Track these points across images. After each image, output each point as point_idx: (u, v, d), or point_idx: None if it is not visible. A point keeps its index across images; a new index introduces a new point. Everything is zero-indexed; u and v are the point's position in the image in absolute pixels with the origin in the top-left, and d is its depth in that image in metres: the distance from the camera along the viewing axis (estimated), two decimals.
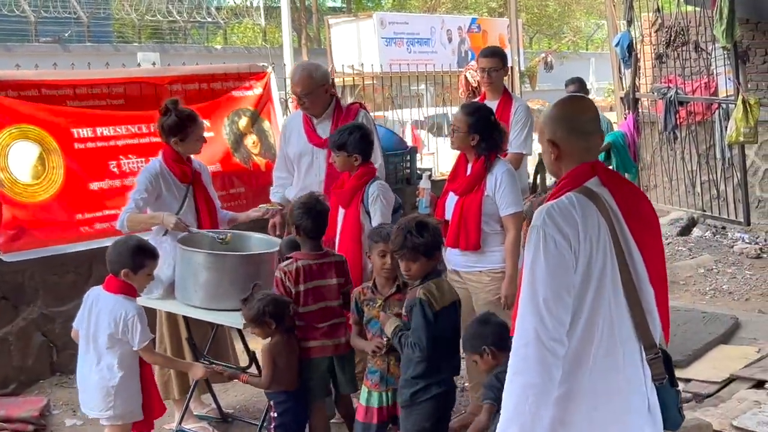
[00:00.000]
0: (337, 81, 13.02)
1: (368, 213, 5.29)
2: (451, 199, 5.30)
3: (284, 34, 15.56)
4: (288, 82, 8.07)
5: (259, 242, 5.44)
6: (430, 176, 5.72)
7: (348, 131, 5.25)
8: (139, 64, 11.64)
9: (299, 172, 5.89)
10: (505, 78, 6.96)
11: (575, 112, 3.10)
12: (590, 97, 9.07)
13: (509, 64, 7.22)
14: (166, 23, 22.01)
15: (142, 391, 4.62)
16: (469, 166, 5.23)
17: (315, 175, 5.81)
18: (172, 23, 22.03)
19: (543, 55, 24.32)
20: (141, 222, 5.26)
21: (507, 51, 13.49)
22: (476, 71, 9.69)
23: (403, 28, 17.90)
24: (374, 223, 5.21)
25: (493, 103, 6.32)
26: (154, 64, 8.92)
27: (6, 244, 6.04)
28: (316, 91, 5.72)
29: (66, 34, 19.45)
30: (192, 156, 5.54)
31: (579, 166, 3.01)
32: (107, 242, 5.42)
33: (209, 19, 22.00)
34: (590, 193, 2.96)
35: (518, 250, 5.10)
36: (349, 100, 12.61)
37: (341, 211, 5.36)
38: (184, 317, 5.21)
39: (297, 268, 4.69)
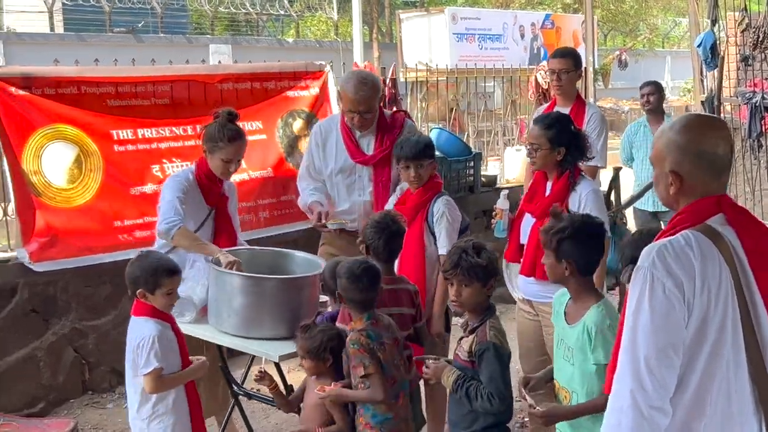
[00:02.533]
0: (407, 77, 12.37)
1: (432, 233, 4.71)
2: (527, 222, 4.62)
3: (355, 29, 14.96)
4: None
5: (302, 263, 4.79)
6: (508, 194, 5.02)
7: (423, 141, 4.78)
8: (199, 60, 11.07)
9: (337, 191, 5.20)
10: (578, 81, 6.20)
11: (709, 144, 2.45)
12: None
13: (583, 64, 6.41)
14: (242, 15, 21.55)
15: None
16: (549, 184, 4.53)
17: (358, 195, 5.15)
18: (247, 15, 21.56)
19: (617, 52, 23.34)
20: (190, 245, 4.61)
21: (581, 49, 12.71)
22: (547, 72, 8.96)
23: (474, 24, 17.17)
24: (439, 244, 4.63)
25: (564, 110, 5.65)
26: (219, 61, 8.33)
27: (37, 253, 5.47)
28: (376, 106, 5.07)
29: (140, 25, 19.04)
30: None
31: (701, 199, 2.42)
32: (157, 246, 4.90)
33: (282, 12, 21.44)
34: (713, 233, 2.38)
35: (602, 283, 4.42)
36: (418, 97, 11.96)
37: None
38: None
39: None
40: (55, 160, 5.63)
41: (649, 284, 2.33)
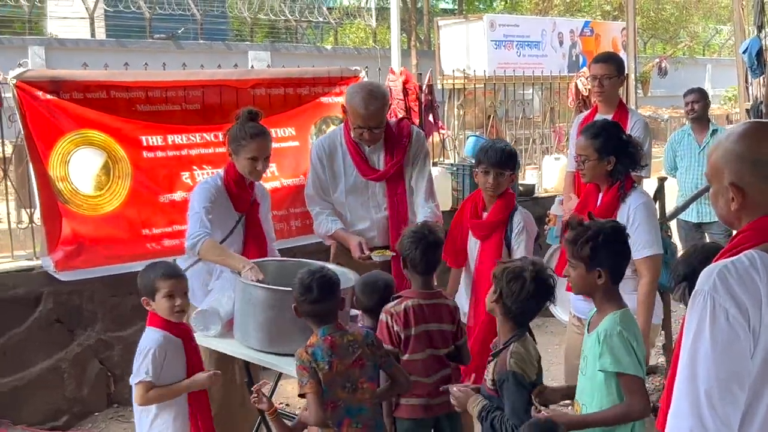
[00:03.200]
0: (444, 84, 12.11)
1: (508, 245, 4.52)
2: None
3: (393, 36, 14.69)
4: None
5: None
6: (561, 200, 4.77)
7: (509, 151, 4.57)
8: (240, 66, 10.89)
9: (350, 210, 4.94)
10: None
11: None
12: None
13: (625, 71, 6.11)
14: (281, 22, 21.42)
15: None
16: (600, 195, 4.28)
17: (375, 212, 4.89)
18: (287, 23, 21.43)
19: (657, 60, 22.86)
20: (217, 257, 4.39)
21: (622, 55, 12.36)
22: (588, 78, 8.64)
23: (513, 31, 16.88)
24: (517, 256, 4.34)
25: (605, 117, 5.37)
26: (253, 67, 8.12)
27: (63, 261, 5.28)
28: (385, 120, 4.83)
29: (179, 31, 18.93)
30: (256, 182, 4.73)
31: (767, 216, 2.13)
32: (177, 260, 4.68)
33: (321, 19, 21.26)
34: None
35: (653, 301, 4.20)
36: (456, 104, 11.70)
37: (474, 243, 4.58)
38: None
39: (406, 309, 3.82)
40: (83, 167, 5.45)
41: (710, 310, 2.05)
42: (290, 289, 4.14)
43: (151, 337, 3.80)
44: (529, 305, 3.31)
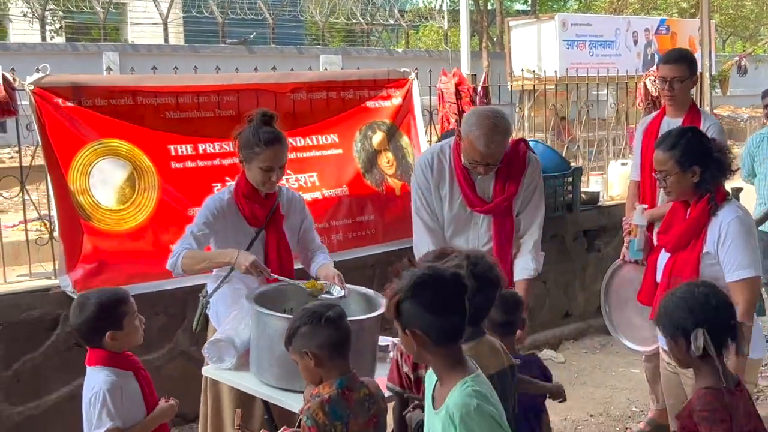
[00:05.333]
0: (515, 85, 11.43)
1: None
2: (663, 257, 3.76)
3: (462, 38, 14.14)
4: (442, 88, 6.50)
5: (361, 300, 3.93)
6: (644, 209, 4.11)
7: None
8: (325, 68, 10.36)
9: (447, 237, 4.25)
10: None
11: None
12: None
13: (699, 70, 5.33)
14: (355, 26, 20.95)
15: None
16: (689, 211, 3.65)
17: (470, 246, 4.16)
18: (361, 27, 20.95)
19: (737, 58, 21.66)
20: (203, 261, 3.87)
21: (697, 55, 11.48)
22: (657, 80, 7.85)
23: (585, 30, 16.12)
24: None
25: (675, 122, 4.74)
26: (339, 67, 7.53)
27: (82, 281, 4.74)
28: (503, 152, 4.09)
29: (251, 36, 18.60)
30: (284, 187, 4.13)
31: None
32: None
33: (392, 22, 20.71)
34: None
35: (749, 330, 3.52)
36: (527, 106, 11.01)
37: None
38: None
39: None
40: (105, 179, 4.90)
41: None
42: None
43: (98, 379, 3.22)
44: (475, 302, 2.62)
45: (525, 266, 4.20)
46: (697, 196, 3.64)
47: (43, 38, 17.76)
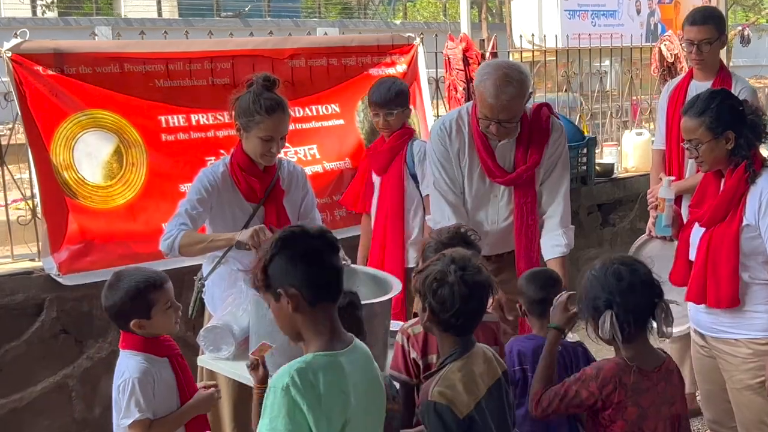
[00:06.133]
0: (515, 57, 11.05)
1: (412, 175, 4.38)
2: (696, 233, 3.42)
3: (462, 8, 13.74)
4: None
5: (368, 282, 3.58)
6: (671, 181, 3.81)
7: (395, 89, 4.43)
8: None
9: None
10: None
11: None
12: None
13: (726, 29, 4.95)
14: None
15: None
16: (723, 182, 3.31)
17: (491, 222, 3.87)
18: None
19: (739, 28, 21.24)
20: (201, 242, 3.53)
21: None
22: (674, 44, 7.48)
23: (588, 0, 15.80)
24: (423, 185, 4.28)
25: (704, 85, 4.36)
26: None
27: (68, 263, 4.39)
28: (521, 111, 3.71)
29: (246, 9, 18.14)
30: (285, 159, 3.77)
31: None
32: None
33: None
34: None
35: None
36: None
37: (375, 180, 4.53)
38: None
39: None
40: (91, 153, 4.53)
41: None
42: None
43: (129, 365, 2.95)
44: (467, 310, 2.56)
45: (556, 243, 3.85)
46: (732, 165, 3.31)
47: (34, 13, 17.31)
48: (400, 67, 5.69)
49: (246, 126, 3.54)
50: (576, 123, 7.14)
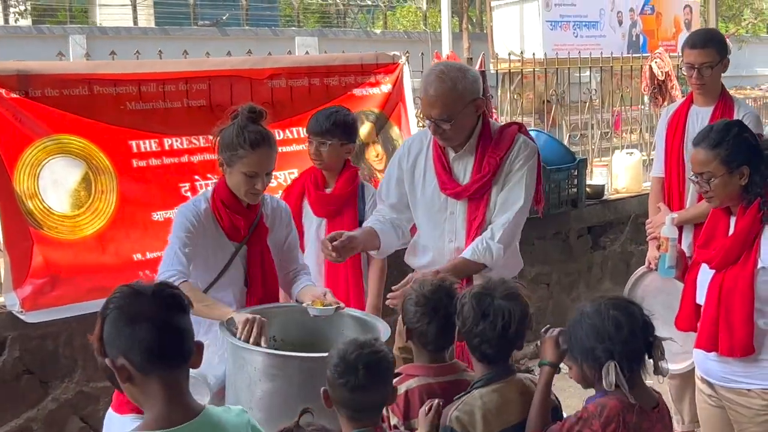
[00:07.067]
0: (498, 68, 10.85)
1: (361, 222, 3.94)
2: (705, 275, 3.19)
3: (443, 19, 13.56)
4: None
5: (352, 326, 3.33)
6: (674, 219, 3.61)
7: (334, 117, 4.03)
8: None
9: (421, 229, 3.70)
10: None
11: None
12: None
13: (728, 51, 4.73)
14: (330, 7, 20.29)
15: None
16: (733, 220, 3.09)
17: (448, 240, 3.60)
18: (336, 8, 20.30)
19: None
20: (196, 308, 3.21)
21: (682, 36, 10.93)
22: (665, 62, 7.30)
23: (569, 11, 15.76)
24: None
25: (705, 111, 4.22)
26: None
27: (32, 299, 4.12)
28: (463, 113, 3.44)
29: (224, 17, 17.86)
30: (267, 195, 3.52)
31: None
32: None
33: (370, 3, 20.07)
34: None
35: None
36: (509, 89, 10.38)
37: (319, 223, 4.11)
38: None
39: (408, 393, 2.74)
40: (57, 180, 4.28)
41: None
42: (294, 354, 3.02)
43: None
44: (508, 337, 2.61)
45: (473, 246, 3.49)
46: (744, 202, 3.10)
47: (6, 21, 16.94)
48: (385, 87, 5.45)
49: (229, 161, 3.27)
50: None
